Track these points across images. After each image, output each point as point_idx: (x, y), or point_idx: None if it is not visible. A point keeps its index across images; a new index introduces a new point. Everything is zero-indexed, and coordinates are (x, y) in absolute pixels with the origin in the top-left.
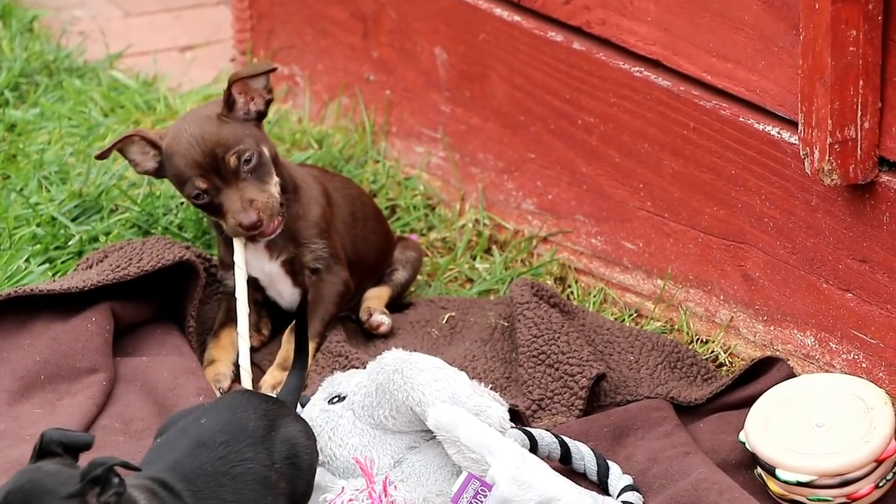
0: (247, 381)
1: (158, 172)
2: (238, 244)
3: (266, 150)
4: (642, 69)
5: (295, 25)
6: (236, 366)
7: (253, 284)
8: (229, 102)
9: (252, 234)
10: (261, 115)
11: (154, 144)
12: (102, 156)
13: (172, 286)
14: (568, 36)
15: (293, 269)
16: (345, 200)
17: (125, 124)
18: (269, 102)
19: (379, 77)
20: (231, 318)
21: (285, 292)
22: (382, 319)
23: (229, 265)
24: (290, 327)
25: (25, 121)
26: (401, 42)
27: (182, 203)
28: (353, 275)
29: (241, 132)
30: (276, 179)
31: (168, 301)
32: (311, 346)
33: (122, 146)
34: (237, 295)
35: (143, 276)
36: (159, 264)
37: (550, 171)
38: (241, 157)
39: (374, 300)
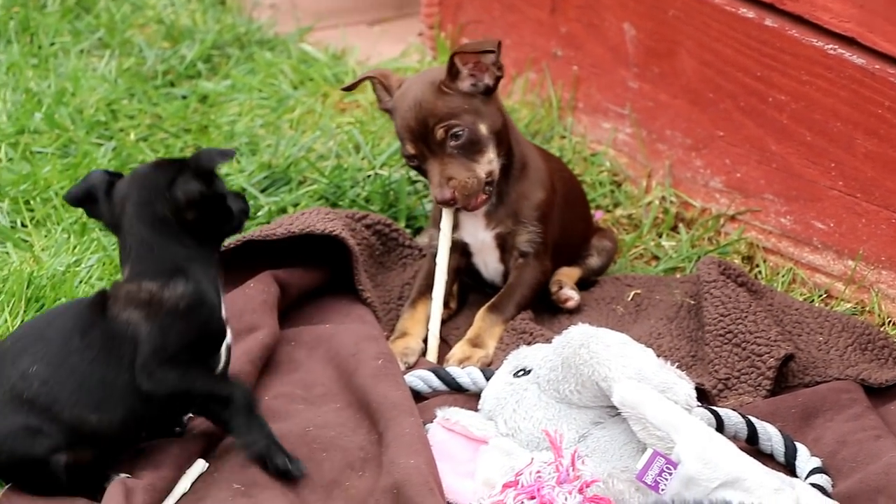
0: (433, 347)
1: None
2: (447, 213)
3: (483, 127)
4: (836, 46)
5: (483, 1)
6: (425, 342)
7: (461, 250)
8: (452, 73)
9: (450, 207)
10: (488, 90)
11: (388, 91)
12: (348, 88)
13: (349, 255)
14: (760, 12)
15: (504, 244)
16: (560, 184)
17: (314, 97)
18: (498, 78)
19: (566, 52)
20: (430, 287)
21: (490, 264)
22: (571, 294)
23: (438, 228)
24: (486, 306)
25: (217, 92)
26: (589, 17)
27: (369, 176)
28: (553, 258)
29: (458, 105)
30: (490, 157)
31: (347, 269)
32: (499, 327)
33: (363, 83)
34: (438, 261)
35: (289, 237)
36: (307, 230)
37: (739, 149)
38: (450, 132)
39: (565, 276)
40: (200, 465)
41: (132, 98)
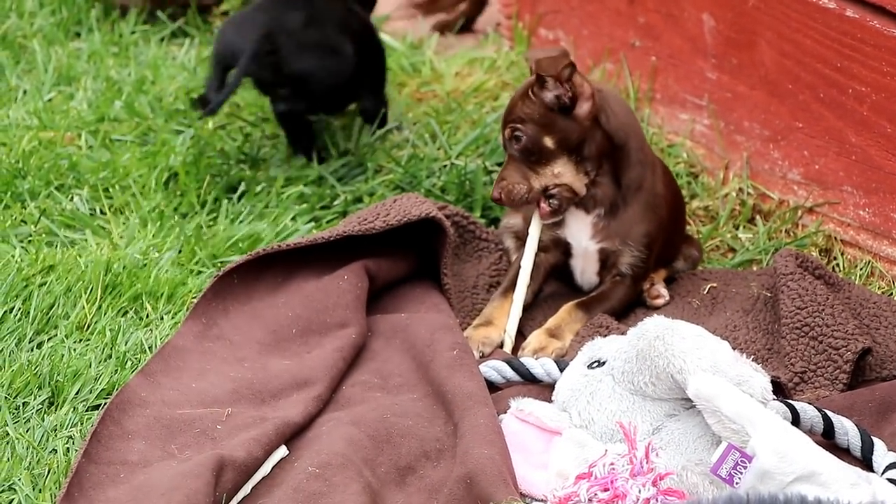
0: (508, 346)
1: None
2: (536, 218)
3: (549, 141)
4: None
5: None
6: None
7: (563, 249)
8: (539, 81)
9: (500, 205)
10: (563, 109)
11: None
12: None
13: (430, 244)
14: (841, 3)
15: (606, 260)
16: (671, 210)
17: (392, 86)
18: (572, 100)
19: (644, 43)
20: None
21: (587, 274)
22: (662, 291)
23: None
24: (575, 302)
25: None
26: (668, 8)
27: (445, 166)
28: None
29: (531, 113)
30: (556, 170)
31: (427, 259)
32: (580, 324)
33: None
34: (522, 263)
35: (389, 230)
36: (405, 219)
37: (818, 141)
38: (513, 134)
39: (656, 275)
40: (282, 451)
41: None
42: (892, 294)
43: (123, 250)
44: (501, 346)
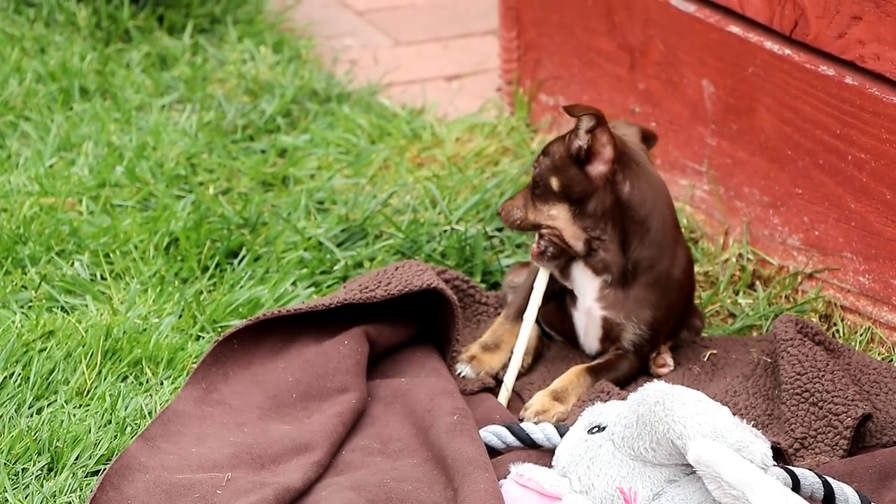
0: (503, 398)
1: None
2: (542, 272)
3: (554, 183)
4: None
5: (562, 56)
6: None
7: (570, 294)
8: (575, 128)
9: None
10: (579, 160)
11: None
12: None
13: (430, 309)
14: (840, 70)
15: (610, 330)
16: (685, 281)
17: (392, 151)
18: (587, 154)
19: (644, 108)
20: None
21: (590, 335)
22: (668, 360)
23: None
24: (584, 366)
25: (295, 146)
26: (668, 74)
27: (445, 231)
28: None
29: (554, 151)
30: (553, 213)
31: (426, 323)
32: (585, 389)
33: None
34: (525, 316)
35: (390, 299)
36: (406, 289)
37: (818, 207)
38: (533, 163)
39: (662, 345)
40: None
41: (211, 152)
42: (892, 360)
43: (124, 315)
44: (495, 378)
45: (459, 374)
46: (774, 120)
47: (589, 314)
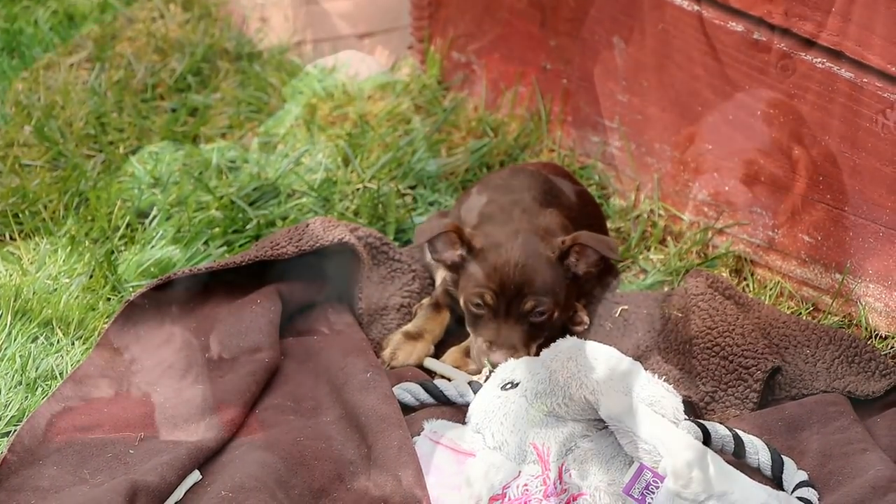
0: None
1: (455, 267)
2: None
3: (556, 314)
4: (824, 60)
5: (473, 14)
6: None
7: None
8: (563, 254)
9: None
10: (576, 278)
11: (467, 244)
12: (421, 243)
13: (343, 266)
14: (749, 26)
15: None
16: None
17: (304, 108)
18: (587, 275)
19: (556, 66)
20: (453, 298)
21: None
22: (584, 318)
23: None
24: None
25: (206, 105)
26: (579, 31)
27: (358, 189)
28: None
29: (553, 285)
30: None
31: (339, 280)
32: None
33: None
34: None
35: (302, 254)
36: (318, 244)
37: (728, 163)
38: (536, 308)
39: (578, 304)
40: (195, 476)
41: (121, 111)
42: (801, 314)
43: (33, 276)
44: (421, 367)
45: (384, 364)
46: (685, 76)
47: None
